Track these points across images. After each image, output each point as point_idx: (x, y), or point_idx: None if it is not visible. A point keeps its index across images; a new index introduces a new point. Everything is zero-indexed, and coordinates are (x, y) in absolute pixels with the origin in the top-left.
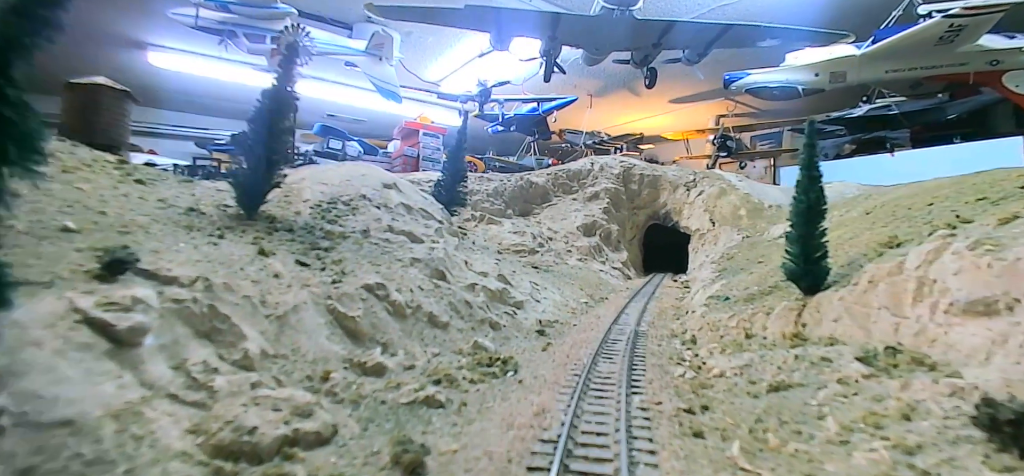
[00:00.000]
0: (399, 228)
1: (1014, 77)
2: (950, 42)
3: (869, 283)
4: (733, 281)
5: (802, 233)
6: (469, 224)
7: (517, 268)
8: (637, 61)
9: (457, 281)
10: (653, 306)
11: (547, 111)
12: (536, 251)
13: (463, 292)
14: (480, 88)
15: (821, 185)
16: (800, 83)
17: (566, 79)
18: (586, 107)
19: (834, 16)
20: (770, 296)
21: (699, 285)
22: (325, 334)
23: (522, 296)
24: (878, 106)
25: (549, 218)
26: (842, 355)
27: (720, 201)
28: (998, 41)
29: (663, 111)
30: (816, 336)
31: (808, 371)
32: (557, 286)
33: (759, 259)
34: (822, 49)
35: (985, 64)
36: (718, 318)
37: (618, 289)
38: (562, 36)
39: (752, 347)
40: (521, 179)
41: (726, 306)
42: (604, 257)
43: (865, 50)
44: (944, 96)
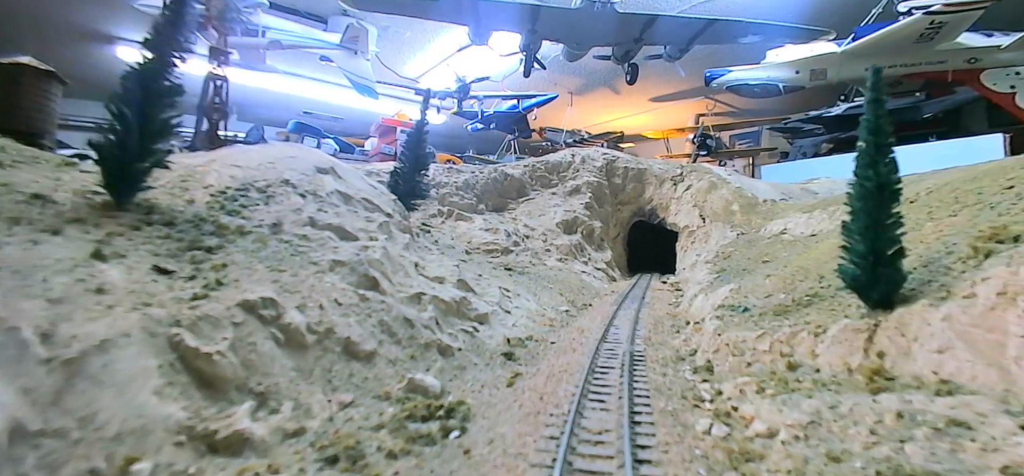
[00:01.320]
0: (324, 222)
1: (991, 75)
2: (930, 40)
3: (998, 296)
4: (744, 285)
5: (869, 223)
6: (434, 220)
7: (486, 271)
8: (618, 57)
9: (397, 291)
10: (646, 315)
11: (527, 109)
12: (510, 251)
13: (404, 306)
14: (459, 84)
15: (893, 156)
16: (781, 80)
17: (546, 76)
18: (567, 105)
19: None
20: (811, 308)
21: (695, 288)
22: (152, 385)
23: (487, 306)
24: (856, 105)
25: (526, 214)
26: (983, 415)
27: (710, 196)
28: (976, 39)
29: (643, 110)
30: (908, 374)
31: (933, 443)
32: (533, 292)
33: (763, 258)
34: (803, 46)
35: (963, 62)
36: (740, 338)
37: (603, 293)
38: (542, 30)
39: (803, 384)
40: (495, 171)
41: (747, 320)
42: (586, 257)
43: (845, 47)
44: (921, 95)
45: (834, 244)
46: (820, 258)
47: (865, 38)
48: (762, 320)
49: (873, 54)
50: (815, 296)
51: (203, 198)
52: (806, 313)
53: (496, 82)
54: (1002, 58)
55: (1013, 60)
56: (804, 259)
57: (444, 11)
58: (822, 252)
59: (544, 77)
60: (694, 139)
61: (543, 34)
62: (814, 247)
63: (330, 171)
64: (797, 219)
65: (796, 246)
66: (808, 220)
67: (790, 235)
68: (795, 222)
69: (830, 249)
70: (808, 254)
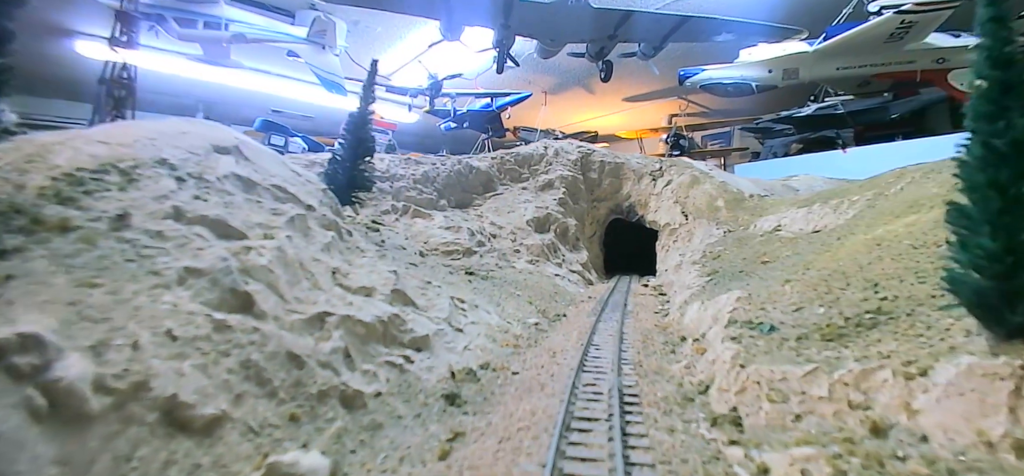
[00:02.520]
0: (196, 214)
1: (959, 75)
2: (899, 39)
3: None
4: (757, 293)
5: (997, 207)
6: (387, 217)
7: (439, 277)
8: (593, 54)
9: (288, 312)
10: (631, 328)
11: (501, 107)
12: (474, 252)
13: (292, 334)
14: (431, 81)
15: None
16: (754, 79)
17: (521, 75)
18: (541, 104)
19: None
20: (881, 332)
21: (684, 294)
22: None
23: (431, 325)
24: (825, 105)
25: (493, 210)
26: None
27: (693, 191)
28: (944, 40)
29: (617, 110)
30: None
31: None
32: (496, 301)
33: (761, 258)
34: (775, 45)
35: (932, 62)
36: (776, 373)
37: (579, 299)
38: (516, 25)
39: (910, 467)
40: (459, 163)
41: (778, 345)
42: (560, 258)
43: (817, 47)
44: (888, 96)
45: (866, 241)
46: (857, 259)
47: (836, 38)
48: (804, 347)
49: (844, 54)
50: (879, 312)
51: (39, 182)
52: (875, 339)
53: (469, 80)
54: (969, 58)
55: None
56: (830, 260)
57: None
58: (856, 251)
59: (518, 75)
60: (667, 139)
61: (516, 30)
62: (836, 245)
63: (232, 151)
64: (792, 214)
65: (798, 244)
66: (807, 215)
67: (787, 232)
68: (791, 218)
69: (865, 247)
70: (833, 254)
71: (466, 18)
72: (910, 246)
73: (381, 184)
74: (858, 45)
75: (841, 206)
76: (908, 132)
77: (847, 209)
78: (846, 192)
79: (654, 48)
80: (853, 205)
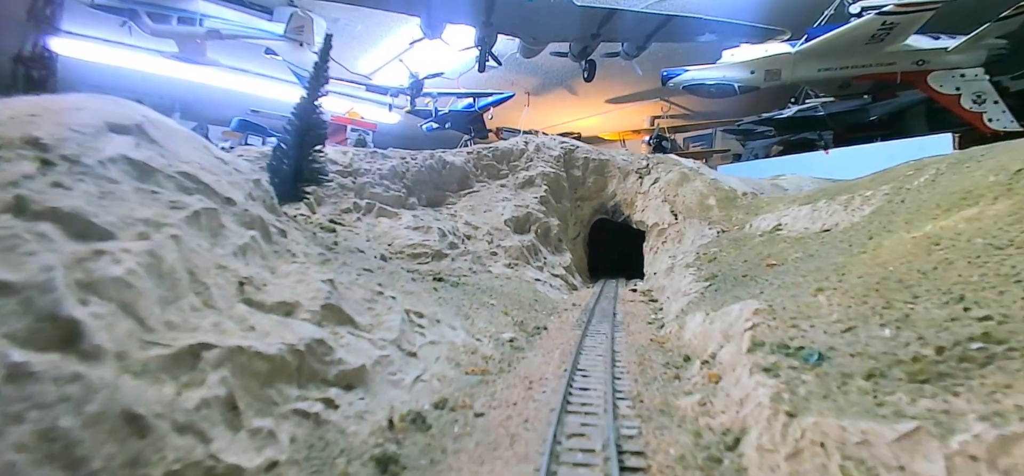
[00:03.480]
0: (44, 205)
1: (938, 77)
2: (880, 41)
3: None
4: (782, 306)
5: None
6: (347, 216)
7: (395, 286)
8: (576, 54)
9: (141, 346)
10: (623, 343)
11: (483, 107)
12: (444, 255)
13: (142, 381)
14: (412, 80)
15: None
16: (736, 80)
17: (503, 75)
18: (524, 105)
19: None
20: (1003, 371)
21: (680, 301)
22: None
23: (371, 351)
24: (806, 107)
25: (468, 209)
26: None
27: (683, 189)
28: (924, 42)
29: (600, 111)
30: None
31: None
32: (465, 313)
33: (766, 260)
34: (758, 46)
35: (911, 64)
36: (847, 431)
37: (562, 308)
38: (498, 23)
39: None
40: (432, 158)
41: (838, 385)
42: (541, 261)
43: (799, 48)
44: (867, 98)
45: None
46: (912, 262)
47: (818, 39)
48: (883, 390)
49: (826, 55)
50: (988, 339)
51: None
52: (1000, 384)
53: (451, 79)
54: (949, 60)
55: (959, 63)
56: (871, 264)
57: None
58: (905, 252)
59: (501, 76)
60: (650, 141)
61: (498, 28)
62: (870, 245)
63: (133, 131)
64: (794, 212)
65: (808, 244)
66: (812, 213)
67: (789, 232)
68: (792, 216)
69: (918, 248)
70: (870, 256)
71: (447, 15)
72: (989, 246)
73: (343, 180)
74: (840, 46)
75: (852, 202)
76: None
77: (861, 205)
78: (854, 188)
79: (637, 48)
80: (867, 201)
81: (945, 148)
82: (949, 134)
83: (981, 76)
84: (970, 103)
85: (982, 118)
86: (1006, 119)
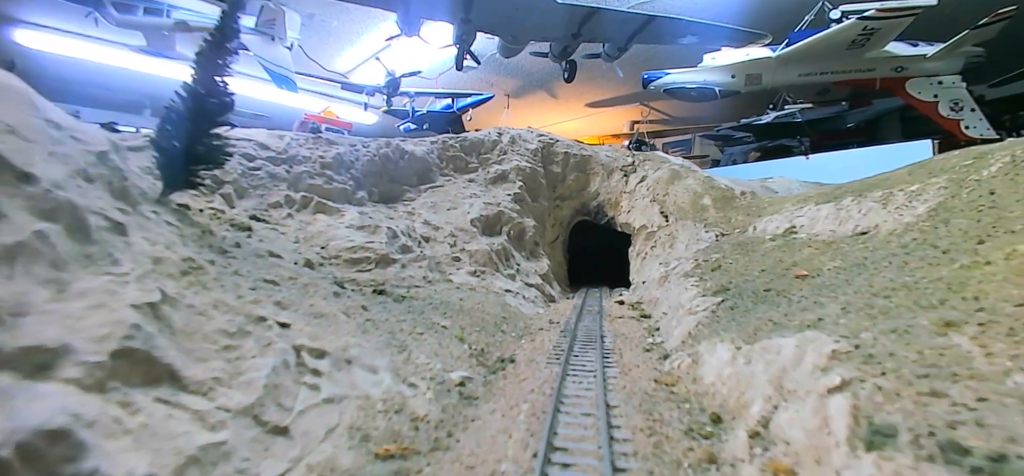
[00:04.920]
0: None
1: (916, 84)
2: (861, 46)
3: None
4: (872, 348)
5: None
6: (276, 212)
7: (299, 305)
8: (556, 54)
9: None
10: (621, 389)
11: (462, 108)
12: (393, 261)
13: None
14: (388, 79)
15: None
16: (717, 84)
17: (483, 77)
18: (504, 107)
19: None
20: None
21: (682, 319)
22: None
23: (188, 438)
24: (784, 114)
25: (428, 206)
26: None
27: (674, 188)
28: (903, 48)
29: (580, 115)
30: None
31: None
32: (400, 343)
33: (794, 272)
34: (738, 50)
35: (890, 70)
36: None
37: (536, 327)
38: (476, 20)
39: None
40: (387, 146)
41: None
42: (514, 267)
43: (780, 53)
44: (845, 105)
45: None
46: None
47: (799, 44)
48: None
49: (806, 60)
50: None
51: None
52: None
53: (429, 79)
54: (927, 67)
55: (937, 70)
56: (1016, 283)
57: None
58: None
59: (480, 78)
60: (630, 146)
61: (477, 25)
62: (993, 255)
63: None
64: (811, 213)
65: (846, 251)
66: (836, 213)
67: (807, 235)
68: (808, 217)
69: None
70: (1005, 270)
71: (425, 11)
72: None
73: (275, 168)
74: (820, 51)
75: (892, 200)
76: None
77: (908, 203)
78: (888, 183)
79: (619, 49)
80: (916, 197)
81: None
82: (929, 141)
83: (958, 83)
84: (948, 110)
85: (959, 125)
86: (982, 126)
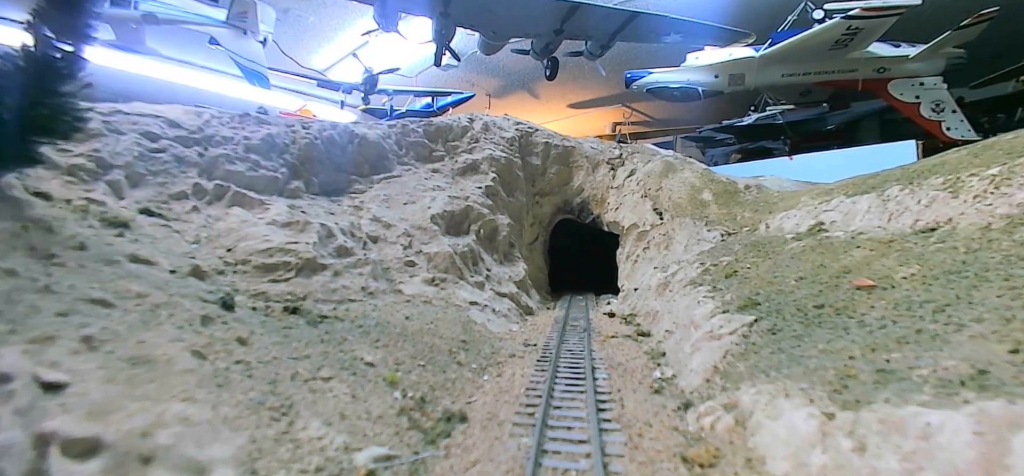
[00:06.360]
0: None
1: (898, 85)
2: (844, 46)
3: None
4: None
5: None
6: (179, 204)
7: (69, 339)
8: (538, 50)
9: None
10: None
11: (442, 107)
12: (322, 267)
13: None
14: (366, 75)
15: None
16: (700, 84)
17: (463, 76)
18: (485, 107)
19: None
20: None
21: (700, 344)
22: None
23: None
24: (765, 115)
25: (380, 200)
26: None
27: (668, 182)
28: (885, 49)
29: (562, 116)
30: None
31: None
32: (281, 403)
33: (843, 277)
34: (721, 50)
35: (873, 71)
36: None
37: (505, 353)
38: (456, 15)
39: None
40: (333, 128)
41: None
42: (483, 273)
43: (763, 53)
44: (825, 107)
45: None
46: None
47: (782, 43)
48: None
49: (789, 60)
50: None
51: None
52: None
53: (409, 77)
54: (909, 68)
55: (918, 71)
56: None
57: None
58: None
59: (461, 77)
60: None
61: (457, 20)
62: None
63: None
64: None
65: (926, 254)
66: (881, 206)
67: (846, 233)
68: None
69: None
70: None
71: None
72: None
73: (184, 151)
74: (803, 51)
75: (965, 187)
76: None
77: (997, 189)
78: (948, 167)
79: (601, 47)
80: (1003, 183)
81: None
82: (912, 142)
83: (940, 85)
84: (929, 111)
85: (941, 127)
86: (963, 128)
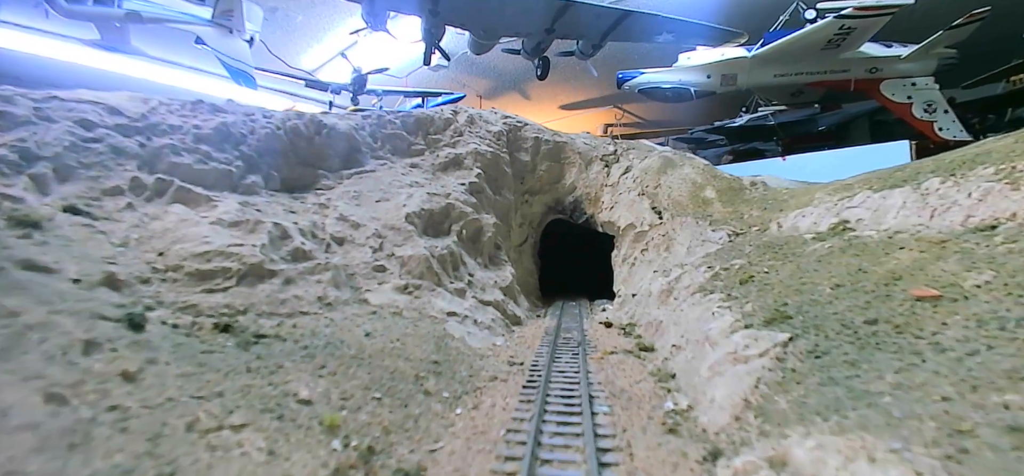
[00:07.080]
0: None
1: (891, 86)
2: (836, 46)
3: None
4: None
5: None
6: (108, 201)
7: None
8: (529, 50)
9: None
10: None
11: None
12: (271, 273)
13: None
14: (354, 75)
15: None
16: (692, 84)
17: (454, 77)
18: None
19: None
20: None
21: (722, 367)
22: None
23: None
24: (757, 116)
25: (350, 197)
26: None
27: (667, 178)
28: (877, 49)
29: (554, 118)
30: None
31: None
32: (170, 448)
33: (881, 284)
34: (714, 50)
35: (865, 71)
36: None
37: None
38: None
39: None
40: (299, 117)
41: None
42: (464, 279)
43: (755, 53)
44: (817, 108)
45: None
46: None
47: (774, 43)
48: None
49: (782, 60)
50: None
51: None
52: None
53: (398, 78)
54: (901, 68)
55: (910, 71)
56: None
57: None
58: None
59: (452, 77)
60: None
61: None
62: None
63: None
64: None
65: (996, 256)
66: (919, 200)
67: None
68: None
69: None
70: None
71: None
72: None
73: (122, 141)
74: (796, 51)
75: (1020, 178)
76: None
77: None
78: (996, 156)
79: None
80: None
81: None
82: (906, 142)
83: (932, 85)
84: (921, 112)
85: (933, 127)
86: (955, 128)
